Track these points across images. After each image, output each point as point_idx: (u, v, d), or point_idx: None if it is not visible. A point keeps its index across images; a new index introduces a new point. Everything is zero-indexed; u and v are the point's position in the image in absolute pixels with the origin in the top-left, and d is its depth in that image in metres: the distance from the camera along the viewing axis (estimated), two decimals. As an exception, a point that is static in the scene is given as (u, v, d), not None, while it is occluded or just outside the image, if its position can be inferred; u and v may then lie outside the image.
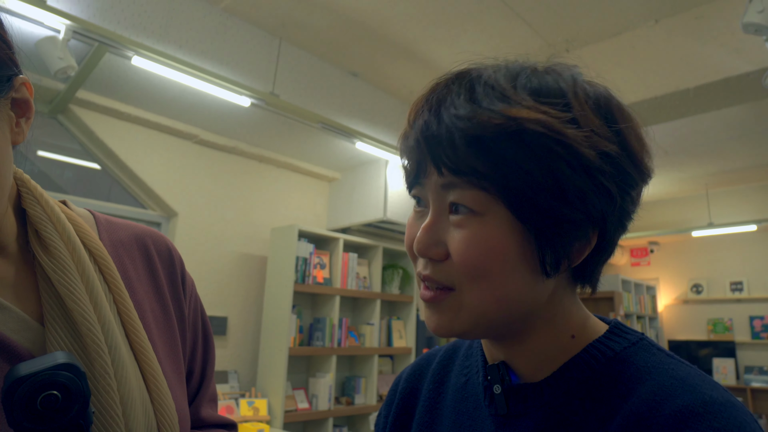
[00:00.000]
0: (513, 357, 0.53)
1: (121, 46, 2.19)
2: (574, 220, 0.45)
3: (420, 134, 0.48)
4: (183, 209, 3.31)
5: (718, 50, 2.40)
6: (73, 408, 0.41)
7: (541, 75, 0.48)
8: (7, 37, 0.53)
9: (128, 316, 0.59)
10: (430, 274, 0.49)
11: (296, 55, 3.12)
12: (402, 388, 0.68)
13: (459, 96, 0.47)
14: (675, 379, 0.45)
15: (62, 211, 0.61)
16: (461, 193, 0.46)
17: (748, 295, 5.85)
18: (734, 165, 4.99)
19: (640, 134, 0.50)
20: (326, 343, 3.44)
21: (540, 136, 0.43)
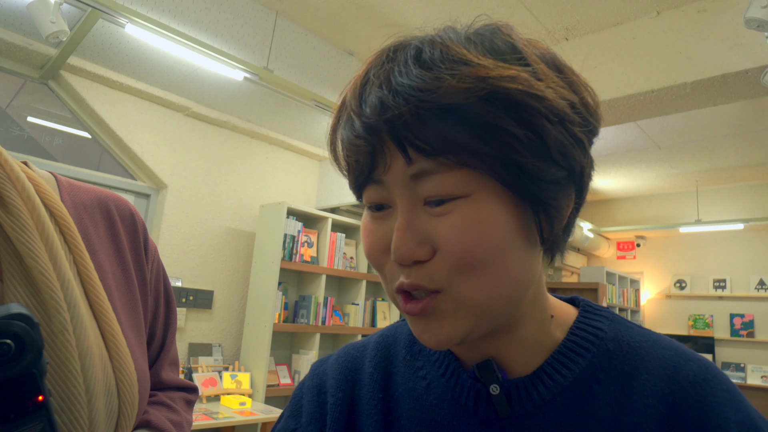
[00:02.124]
0: (501, 350, 0.48)
1: (115, 12, 2.15)
2: (560, 178, 0.42)
3: (375, 117, 0.40)
4: (172, 182, 3.28)
5: (718, 45, 2.40)
6: (26, 357, 0.41)
7: (487, 35, 0.43)
8: None
9: (88, 276, 0.59)
10: (416, 281, 0.41)
11: (292, 30, 3.07)
12: (335, 400, 0.55)
13: (407, 65, 0.40)
14: (669, 350, 0.47)
15: (23, 171, 0.61)
16: (439, 180, 0.40)
17: (730, 293, 5.94)
18: (726, 163, 5.03)
19: (585, 81, 0.46)
20: (311, 321, 3.46)
21: (515, 93, 0.39)
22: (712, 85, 2.48)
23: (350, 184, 0.46)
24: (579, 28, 2.87)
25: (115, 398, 0.57)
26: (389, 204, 0.43)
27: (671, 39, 2.57)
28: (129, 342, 0.63)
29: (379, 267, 0.45)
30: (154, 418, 0.66)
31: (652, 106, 2.75)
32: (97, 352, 0.57)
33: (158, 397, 0.72)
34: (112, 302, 0.63)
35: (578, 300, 0.53)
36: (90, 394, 0.54)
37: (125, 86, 3.02)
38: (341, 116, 0.44)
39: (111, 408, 0.57)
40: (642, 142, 4.54)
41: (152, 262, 0.73)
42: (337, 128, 0.45)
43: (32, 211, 0.57)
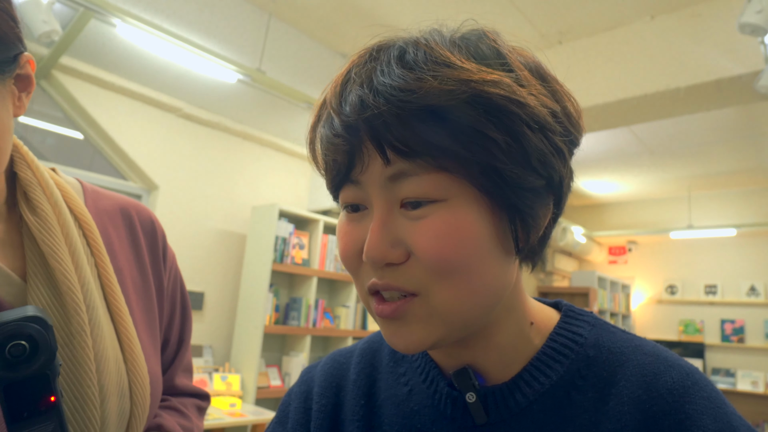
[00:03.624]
0: (478, 357, 0.48)
1: (107, 12, 2.13)
2: (538, 187, 0.42)
3: (355, 115, 0.39)
4: (164, 183, 3.26)
5: (711, 50, 2.41)
6: (39, 358, 0.44)
7: (472, 40, 0.43)
8: (15, 13, 0.54)
9: (108, 280, 0.61)
10: (390, 282, 0.41)
11: (285, 32, 3.06)
12: (319, 406, 0.55)
13: (389, 65, 0.40)
14: (650, 356, 0.46)
15: (51, 177, 0.63)
16: (416, 182, 0.39)
17: (722, 299, 5.96)
18: (719, 168, 5.06)
19: (568, 92, 0.46)
20: (301, 323, 3.44)
21: (498, 99, 0.39)
22: (705, 91, 2.49)
23: (327, 183, 0.45)
24: (573, 32, 2.88)
25: (127, 399, 0.59)
26: (366, 205, 0.43)
27: (665, 44, 2.58)
28: (144, 345, 0.64)
29: (353, 270, 0.44)
30: (166, 422, 0.67)
31: (645, 110, 2.76)
32: (112, 353, 0.58)
33: (171, 402, 0.72)
34: (129, 305, 0.64)
35: (561, 305, 0.52)
36: (103, 395, 0.56)
37: (117, 87, 3.00)
38: (321, 115, 0.44)
39: (123, 408, 0.58)
40: (634, 147, 4.56)
41: (170, 269, 0.74)
42: (316, 126, 0.44)
43: (58, 215, 0.59)
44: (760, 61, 2.25)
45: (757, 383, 5.54)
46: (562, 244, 5.77)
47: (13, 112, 0.55)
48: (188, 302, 0.79)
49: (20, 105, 0.56)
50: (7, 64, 0.53)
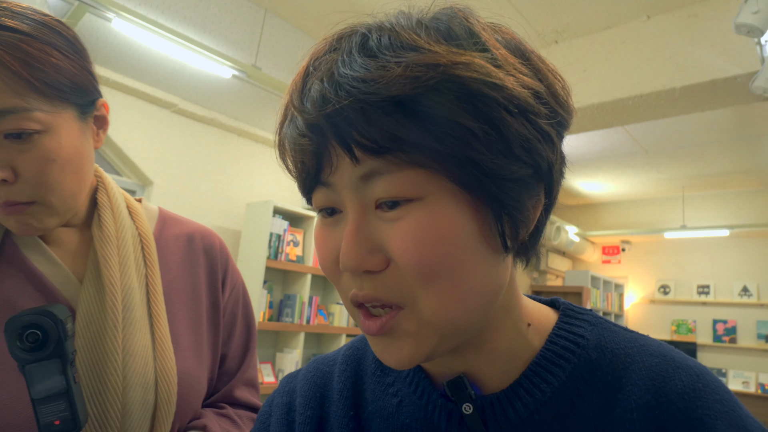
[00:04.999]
0: (473, 364, 0.44)
1: (102, 6, 2.11)
2: (524, 176, 0.38)
3: (316, 113, 0.36)
4: (158, 178, 3.24)
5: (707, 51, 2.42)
6: (50, 345, 0.54)
7: (442, 20, 0.39)
8: (92, 68, 0.68)
9: (154, 287, 0.72)
10: (371, 293, 0.37)
11: (281, 27, 3.05)
12: (304, 417, 0.51)
13: (351, 55, 0.36)
14: (656, 357, 0.43)
15: (128, 202, 0.77)
16: (389, 180, 0.36)
17: (714, 299, 6.00)
18: (713, 169, 5.08)
19: (552, 67, 0.42)
20: (295, 320, 3.44)
21: (469, 82, 0.35)
22: (700, 91, 2.49)
23: (299, 187, 0.42)
24: (569, 31, 2.88)
25: (151, 392, 0.65)
26: (340, 208, 0.39)
27: (661, 44, 2.59)
28: (182, 347, 0.72)
29: (334, 279, 0.41)
30: (212, 424, 0.72)
31: (640, 110, 2.77)
32: (141, 349, 0.66)
33: (226, 411, 0.78)
34: (173, 311, 0.74)
35: (558, 303, 0.49)
36: (126, 384, 0.63)
37: (111, 81, 2.98)
38: (287, 114, 0.40)
39: (146, 400, 0.65)
40: (629, 147, 4.57)
41: (231, 290, 0.83)
42: (282, 127, 0.41)
43: (118, 232, 0.71)
44: (756, 62, 2.25)
45: (748, 383, 5.58)
46: (555, 243, 5.78)
47: (94, 145, 0.70)
48: (252, 323, 0.87)
49: (98, 139, 0.71)
50: (88, 107, 0.68)
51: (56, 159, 0.62)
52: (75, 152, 0.64)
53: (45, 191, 0.62)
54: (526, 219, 0.40)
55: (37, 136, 0.60)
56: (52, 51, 0.61)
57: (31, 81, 0.58)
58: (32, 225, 0.64)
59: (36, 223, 0.64)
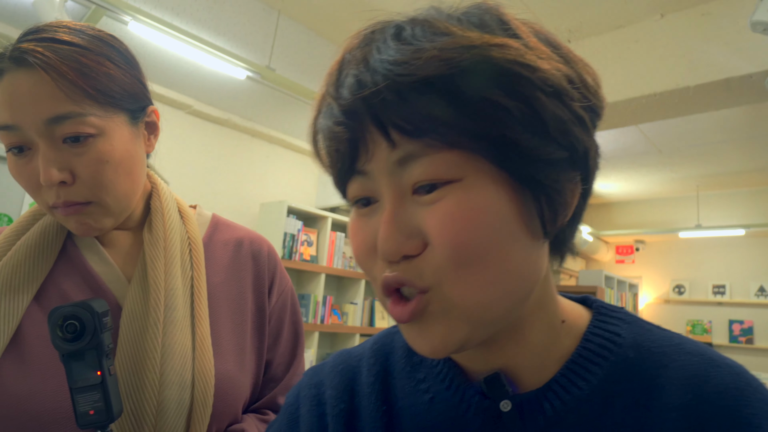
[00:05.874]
0: (509, 359, 0.43)
1: (118, 9, 2.15)
2: (560, 159, 0.37)
3: (352, 97, 0.36)
4: (173, 179, 3.25)
5: (722, 49, 2.40)
6: (86, 337, 0.56)
7: (474, 12, 0.39)
8: (143, 78, 0.73)
9: (198, 289, 0.74)
10: (402, 275, 0.37)
11: (294, 29, 3.07)
12: (337, 411, 0.50)
13: (386, 42, 0.37)
14: (694, 355, 0.41)
15: (180, 207, 0.81)
16: (426, 163, 0.36)
17: (730, 299, 5.93)
18: (728, 168, 5.03)
19: (583, 60, 0.42)
20: (309, 319, 3.46)
21: (504, 62, 0.35)
22: (715, 89, 2.48)
23: (333, 179, 0.41)
24: (581, 30, 2.87)
25: (188, 391, 0.67)
26: (376, 197, 0.39)
27: (674, 42, 2.57)
28: (223, 349, 0.74)
29: (368, 269, 0.40)
30: (250, 429, 0.73)
31: (653, 109, 2.75)
32: (180, 348, 0.68)
33: (268, 417, 0.79)
34: (217, 314, 0.75)
35: (590, 300, 0.48)
36: (163, 382, 0.65)
37: (127, 83, 3.02)
38: (321, 107, 0.41)
39: (182, 399, 0.66)
40: (643, 146, 4.54)
41: (278, 296, 0.85)
42: (316, 120, 0.41)
43: (167, 235, 0.74)
44: (771, 59, 2.23)
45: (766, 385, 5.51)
46: (569, 242, 5.74)
47: (145, 149, 0.74)
48: (300, 332, 0.87)
49: (149, 144, 0.75)
50: (139, 113, 0.72)
51: (109, 160, 0.66)
52: (126, 155, 0.68)
53: (100, 191, 0.66)
54: (564, 203, 0.39)
55: (91, 140, 0.64)
56: (105, 62, 0.66)
57: (85, 89, 0.63)
58: (90, 225, 0.68)
59: (93, 223, 0.68)
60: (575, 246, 0.44)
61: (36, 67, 0.61)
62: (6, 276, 0.67)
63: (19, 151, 0.64)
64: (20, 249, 0.70)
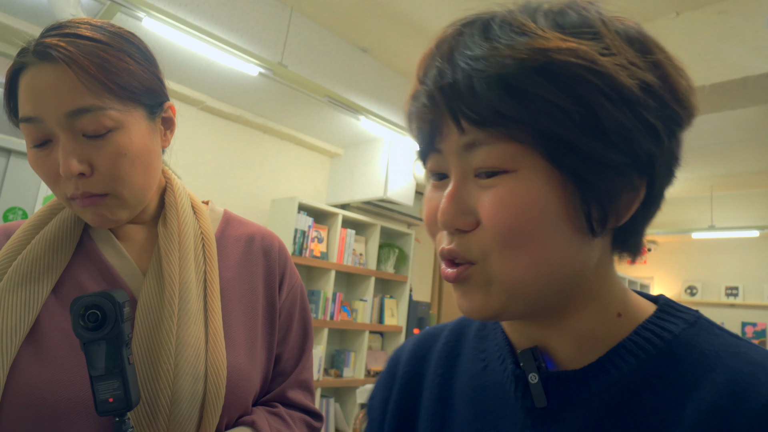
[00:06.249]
0: (550, 339, 0.46)
1: (133, 6, 2.16)
2: (619, 164, 0.39)
3: (433, 86, 0.41)
4: (185, 175, 3.28)
5: (738, 48, 2.36)
6: (107, 326, 0.58)
7: (562, 10, 0.42)
8: (161, 75, 0.75)
9: (211, 283, 0.76)
10: (454, 248, 0.42)
11: (307, 26, 3.08)
12: (403, 372, 0.59)
13: (473, 37, 0.41)
14: (754, 365, 0.39)
15: (194, 203, 0.82)
16: (488, 151, 0.40)
17: (743, 301, 5.86)
18: (743, 168, 4.96)
19: (680, 66, 0.43)
20: (319, 316, 3.47)
21: (572, 66, 0.37)
22: (731, 89, 2.44)
23: (418, 153, 0.47)
24: (596, 28, 2.85)
25: (201, 382, 0.68)
26: (446, 174, 0.44)
27: (690, 41, 2.54)
28: (235, 342, 0.75)
29: (432, 234, 0.46)
30: (260, 421, 0.74)
31: (668, 108, 2.72)
32: (194, 340, 0.70)
33: (278, 410, 0.80)
34: (229, 308, 0.77)
35: (660, 299, 0.49)
36: (177, 372, 0.67)
37: (141, 79, 3.04)
38: (414, 90, 0.45)
39: (195, 389, 0.67)
40: (656, 146, 4.49)
41: (288, 291, 0.86)
42: (411, 99, 0.46)
43: (181, 229, 0.76)
44: (789, 59, 2.20)
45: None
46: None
47: (161, 144, 0.76)
48: (309, 328, 0.89)
49: (166, 139, 0.77)
50: (156, 108, 0.74)
51: (127, 153, 0.67)
52: (144, 148, 0.70)
53: (117, 184, 0.68)
54: (616, 207, 0.41)
55: (110, 133, 0.66)
56: (125, 57, 0.68)
57: (106, 83, 0.65)
58: (106, 216, 0.70)
59: (110, 215, 0.70)
60: (638, 247, 0.46)
61: (59, 61, 0.63)
62: (26, 269, 0.69)
63: (40, 143, 0.66)
64: (39, 242, 0.72)
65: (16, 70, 0.66)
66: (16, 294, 0.67)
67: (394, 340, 4.08)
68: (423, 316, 4.26)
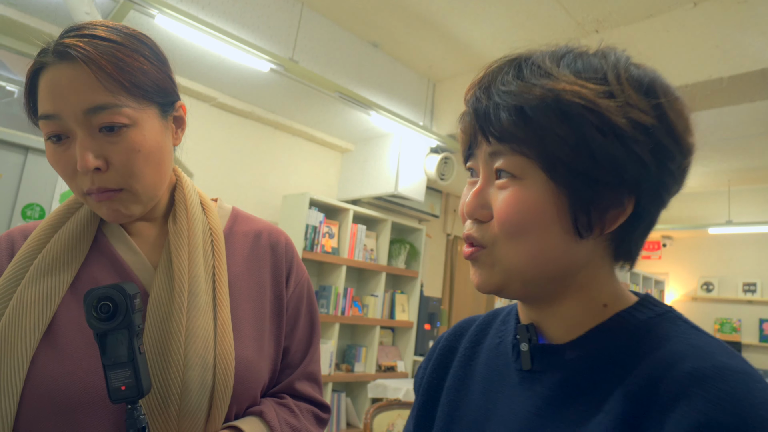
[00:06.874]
0: (543, 319, 0.58)
1: (146, 3, 2.18)
2: (606, 183, 0.49)
3: (471, 108, 0.55)
4: (198, 171, 3.32)
5: (758, 39, 2.31)
6: (119, 317, 0.61)
7: (586, 56, 0.53)
8: (173, 75, 0.78)
9: (219, 277, 0.78)
10: (471, 233, 0.55)
11: (317, 21, 3.07)
12: (441, 345, 0.73)
13: (508, 74, 0.53)
14: (691, 346, 0.47)
15: (203, 200, 0.86)
16: (505, 159, 0.52)
17: (761, 297, 5.77)
18: (761, 162, 4.87)
19: (682, 110, 0.52)
20: (330, 311, 3.48)
21: (574, 105, 0.48)
22: (750, 81, 2.39)
23: (462, 154, 0.60)
24: (610, 20, 2.81)
25: (210, 373, 0.70)
26: (477, 173, 0.57)
27: (708, 32, 2.49)
28: (243, 334, 0.77)
29: (463, 221, 0.58)
30: (269, 411, 0.77)
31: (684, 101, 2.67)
32: (203, 332, 0.72)
33: (286, 401, 0.82)
34: (237, 301, 0.79)
35: (643, 296, 0.57)
36: (187, 363, 0.69)
37: (153, 75, 3.05)
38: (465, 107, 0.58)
39: (204, 379, 0.70)
40: (672, 140, 4.42)
41: (295, 286, 0.89)
42: (461, 115, 0.59)
43: (190, 226, 0.79)
44: (810, 49, 2.15)
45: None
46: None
47: (172, 142, 0.79)
48: (316, 321, 0.91)
49: (177, 137, 0.80)
50: (169, 107, 0.77)
51: (141, 150, 0.70)
52: (156, 145, 0.73)
53: (131, 179, 0.71)
54: (603, 218, 0.51)
55: (125, 130, 0.69)
56: (139, 57, 0.71)
57: (122, 82, 0.68)
58: (120, 211, 0.73)
59: (124, 209, 0.73)
60: (629, 255, 0.56)
61: (78, 60, 0.66)
62: (45, 266, 0.72)
63: (57, 139, 0.69)
64: (57, 241, 0.75)
65: (36, 70, 0.69)
66: (37, 290, 0.70)
67: (404, 336, 4.08)
68: (434, 312, 4.25)
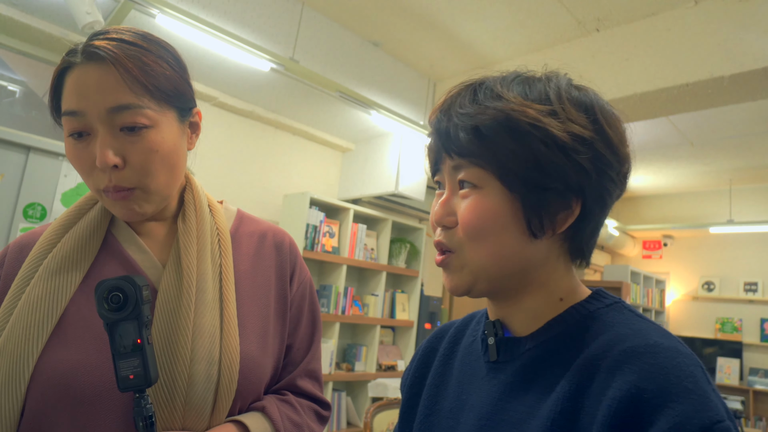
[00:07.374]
0: (508, 315, 0.64)
1: (146, 3, 2.17)
2: (554, 189, 0.56)
3: (434, 129, 0.62)
4: (199, 170, 3.30)
5: (760, 37, 2.31)
6: (129, 307, 0.63)
7: (532, 80, 0.60)
8: (190, 80, 0.81)
9: (226, 275, 0.81)
10: (441, 239, 0.62)
11: (318, 21, 3.07)
12: (424, 347, 0.80)
13: (465, 98, 0.60)
14: (631, 330, 0.54)
15: (210, 202, 0.89)
16: (466, 171, 0.59)
17: (762, 297, 5.76)
18: (763, 161, 4.87)
19: (617, 125, 0.60)
20: (331, 310, 3.48)
21: (522, 123, 0.56)
22: (751, 79, 2.39)
23: (429, 170, 0.67)
24: (611, 18, 2.80)
25: (215, 367, 0.73)
26: (443, 186, 0.64)
27: (709, 30, 2.48)
28: (247, 330, 0.80)
29: (433, 229, 0.64)
30: (271, 407, 0.79)
31: (685, 100, 2.67)
32: (209, 327, 0.75)
33: (288, 397, 0.85)
34: (242, 299, 0.82)
35: (595, 290, 0.64)
36: (194, 356, 0.72)
37: (154, 75, 3.05)
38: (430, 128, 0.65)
39: (210, 373, 0.72)
40: (673, 138, 4.42)
41: (298, 285, 0.92)
42: (428, 135, 0.66)
43: (199, 225, 0.82)
44: (811, 48, 2.14)
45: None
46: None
47: (187, 146, 0.83)
48: (318, 320, 0.94)
49: (191, 142, 0.84)
50: (186, 112, 0.80)
51: (158, 150, 0.73)
52: (173, 148, 0.76)
53: (146, 178, 0.74)
54: (553, 220, 0.58)
55: (145, 131, 0.72)
56: (163, 63, 0.75)
57: (146, 84, 0.72)
58: (134, 210, 0.76)
59: (137, 208, 0.76)
60: (582, 252, 0.62)
61: (106, 60, 0.70)
62: (56, 264, 0.75)
63: (78, 136, 0.71)
64: (68, 241, 0.78)
65: (63, 69, 0.72)
66: (46, 288, 0.73)
67: (405, 335, 4.08)
68: (434, 311, 4.25)
